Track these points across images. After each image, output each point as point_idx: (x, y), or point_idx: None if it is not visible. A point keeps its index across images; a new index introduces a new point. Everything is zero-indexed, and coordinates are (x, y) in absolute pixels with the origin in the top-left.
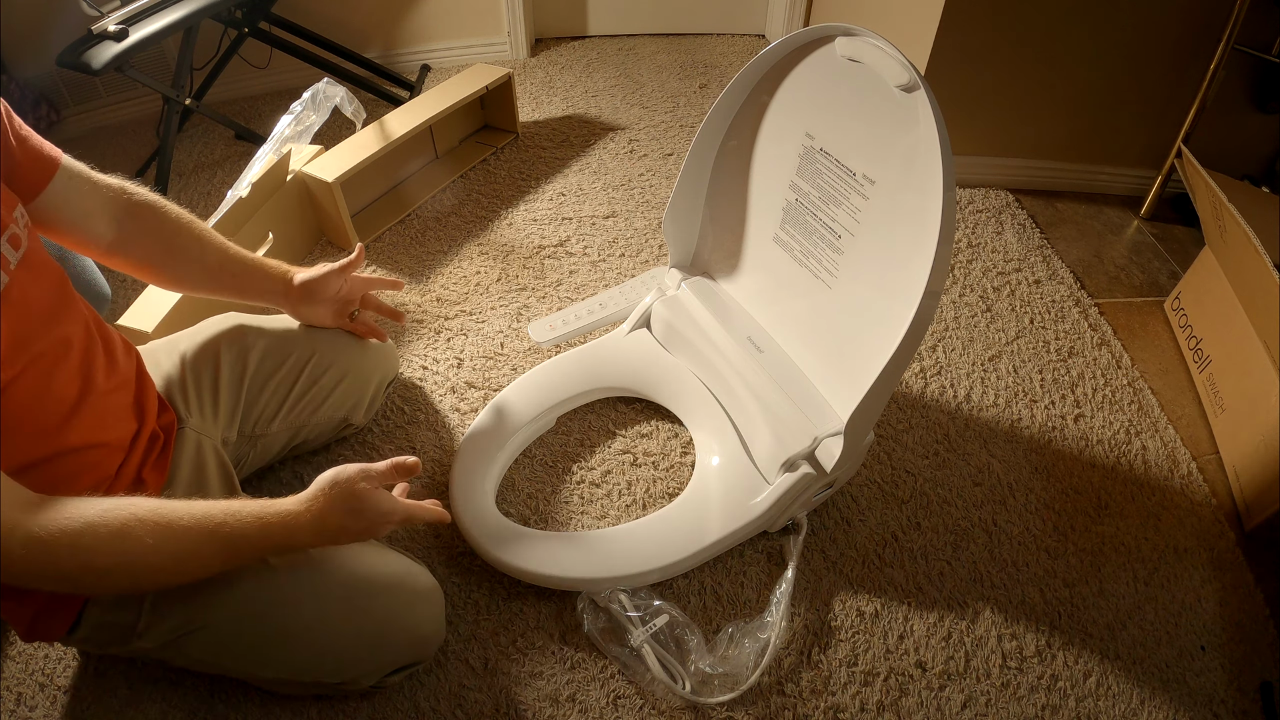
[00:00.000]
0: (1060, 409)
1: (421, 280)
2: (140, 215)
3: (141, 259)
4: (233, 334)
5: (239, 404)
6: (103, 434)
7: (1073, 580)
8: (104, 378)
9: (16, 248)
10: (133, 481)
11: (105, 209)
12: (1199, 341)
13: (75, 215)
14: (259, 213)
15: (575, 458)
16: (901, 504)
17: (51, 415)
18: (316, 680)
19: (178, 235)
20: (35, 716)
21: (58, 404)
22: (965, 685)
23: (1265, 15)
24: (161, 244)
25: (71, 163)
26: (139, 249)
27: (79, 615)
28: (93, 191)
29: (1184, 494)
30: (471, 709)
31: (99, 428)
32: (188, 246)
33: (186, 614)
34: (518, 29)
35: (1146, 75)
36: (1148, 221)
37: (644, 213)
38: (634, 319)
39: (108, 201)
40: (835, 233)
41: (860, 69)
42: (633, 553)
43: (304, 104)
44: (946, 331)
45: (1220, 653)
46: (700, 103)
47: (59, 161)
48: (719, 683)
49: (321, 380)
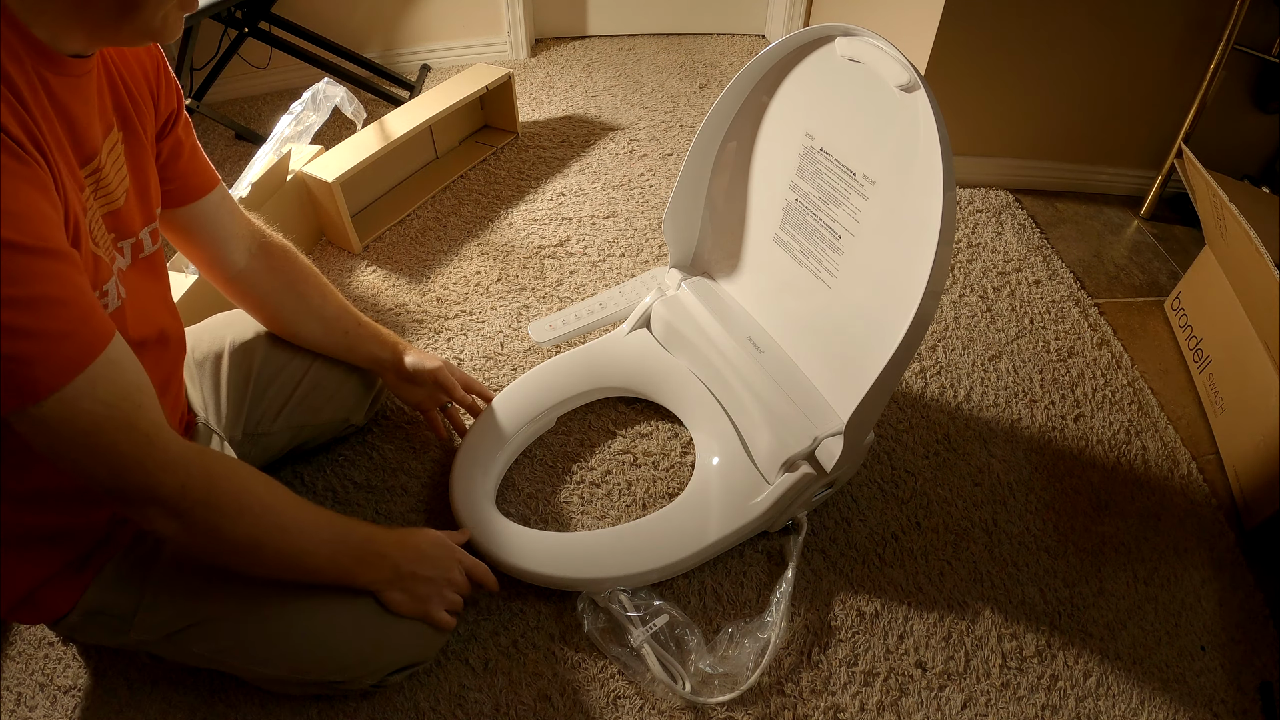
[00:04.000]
0: (1060, 409)
1: (421, 280)
2: (272, 254)
3: (263, 295)
4: (239, 332)
5: (244, 402)
6: (175, 414)
7: (1073, 580)
8: (172, 372)
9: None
10: None
11: (243, 239)
12: (1199, 341)
13: (216, 236)
14: (259, 213)
15: (575, 458)
16: (901, 504)
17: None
18: (317, 679)
19: (303, 281)
20: (35, 716)
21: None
22: (965, 685)
23: (1265, 15)
24: (286, 285)
25: (225, 188)
26: (264, 284)
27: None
28: (237, 218)
29: (1184, 494)
30: (471, 709)
31: (171, 418)
32: (309, 294)
33: (186, 607)
34: (518, 29)
35: (1146, 75)
36: (1148, 221)
37: (644, 213)
38: (634, 319)
39: (247, 233)
40: (835, 233)
41: (860, 69)
42: (633, 553)
43: (304, 104)
44: (946, 331)
45: (1220, 653)
46: (700, 103)
47: (217, 181)
48: (719, 683)
49: (324, 380)
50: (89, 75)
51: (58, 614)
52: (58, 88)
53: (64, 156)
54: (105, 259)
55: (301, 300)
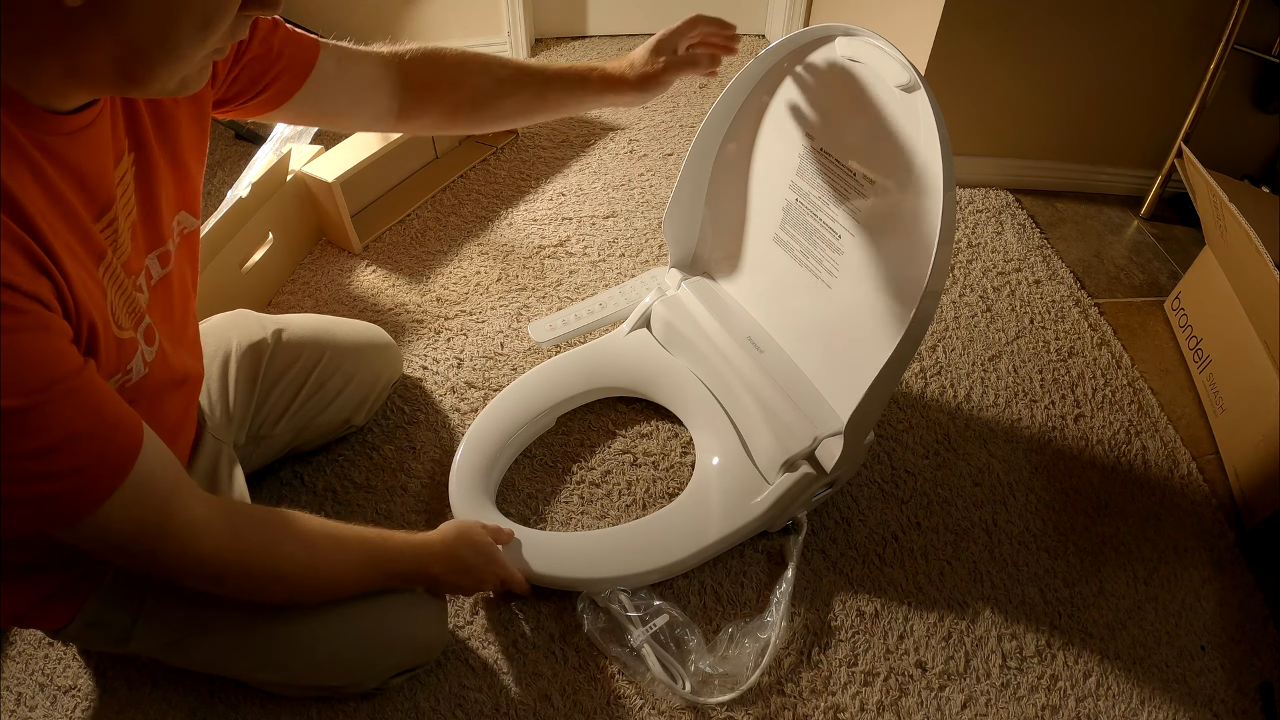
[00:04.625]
0: (1060, 409)
1: (421, 280)
2: (416, 73)
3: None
4: (244, 333)
5: (251, 404)
6: (186, 446)
7: (1073, 580)
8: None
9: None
10: None
11: (381, 83)
12: (1199, 341)
13: (355, 99)
14: (259, 213)
15: (575, 458)
16: (901, 504)
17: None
18: (318, 683)
19: (464, 76)
20: (35, 716)
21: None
22: (965, 685)
23: (1265, 15)
24: (450, 91)
25: (331, 45)
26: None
27: (74, 614)
28: (363, 68)
29: (1184, 494)
30: (471, 709)
31: (188, 440)
32: (479, 82)
33: (186, 616)
34: (518, 29)
35: (1146, 75)
36: (1148, 221)
37: (644, 213)
38: (634, 319)
39: (379, 73)
40: (835, 233)
41: (860, 69)
42: (633, 553)
43: None
44: (946, 331)
45: (1220, 653)
46: (700, 103)
47: (318, 46)
48: (719, 683)
49: (328, 383)
50: (102, 115)
51: (57, 625)
52: (63, 149)
53: (78, 235)
54: (130, 335)
55: (477, 92)
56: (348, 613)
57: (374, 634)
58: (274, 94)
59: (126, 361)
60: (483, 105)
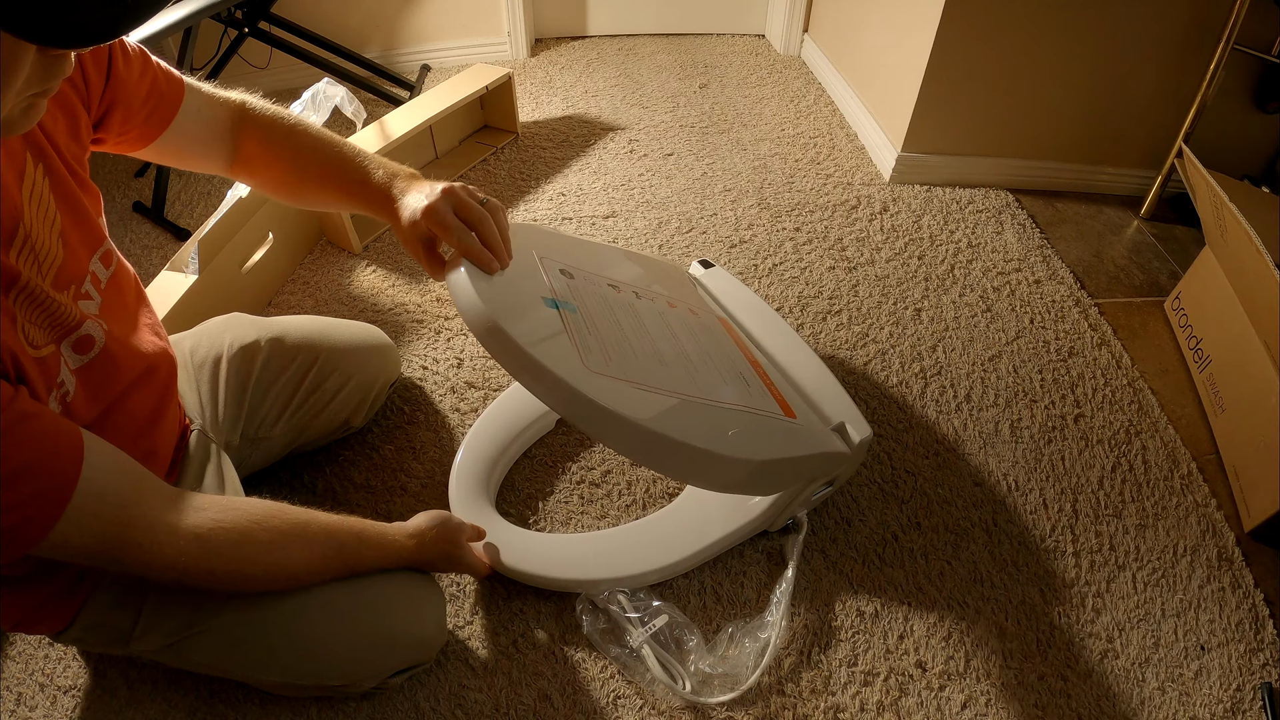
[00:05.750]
0: (1060, 409)
1: (421, 280)
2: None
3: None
4: (237, 335)
5: (243, 409)
6: (169, 439)
7: (1073, 580)
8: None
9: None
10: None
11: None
12: (1199, 341)
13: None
14: (259, 213)
15: (575, 458)
16: (901, 504)
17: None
18: (318, 683)
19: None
20: (35, 716)
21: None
22: (965, 685)
23: (1265, 15)
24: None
25: (194, 86)
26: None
27: (73, 616)
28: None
29: (1184, 494)
30: (471, 709)
31: (171, 433)
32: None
33: (187, 618)
34: (518, 29)
35: (1146, 75)
36: (1148, 221)
37: (644, 213)
38: None
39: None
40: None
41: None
42: (633, 553)
43: (304, 104)
44: (946, 331)
45: (1220, 653)
46: (700, 103)
47: (184, 85)
48: (719, 683)
49: (325, 385)
50: None
51: (58, 629)
52: None
53: None
54: (49, 350)
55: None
56: (347, 612)
57: (373, 633)
58: (144, 131)
59: (54, 376)
60: (295, 194)
